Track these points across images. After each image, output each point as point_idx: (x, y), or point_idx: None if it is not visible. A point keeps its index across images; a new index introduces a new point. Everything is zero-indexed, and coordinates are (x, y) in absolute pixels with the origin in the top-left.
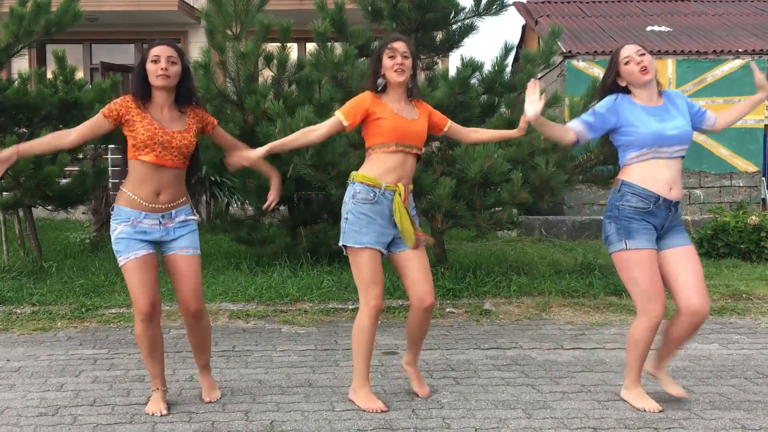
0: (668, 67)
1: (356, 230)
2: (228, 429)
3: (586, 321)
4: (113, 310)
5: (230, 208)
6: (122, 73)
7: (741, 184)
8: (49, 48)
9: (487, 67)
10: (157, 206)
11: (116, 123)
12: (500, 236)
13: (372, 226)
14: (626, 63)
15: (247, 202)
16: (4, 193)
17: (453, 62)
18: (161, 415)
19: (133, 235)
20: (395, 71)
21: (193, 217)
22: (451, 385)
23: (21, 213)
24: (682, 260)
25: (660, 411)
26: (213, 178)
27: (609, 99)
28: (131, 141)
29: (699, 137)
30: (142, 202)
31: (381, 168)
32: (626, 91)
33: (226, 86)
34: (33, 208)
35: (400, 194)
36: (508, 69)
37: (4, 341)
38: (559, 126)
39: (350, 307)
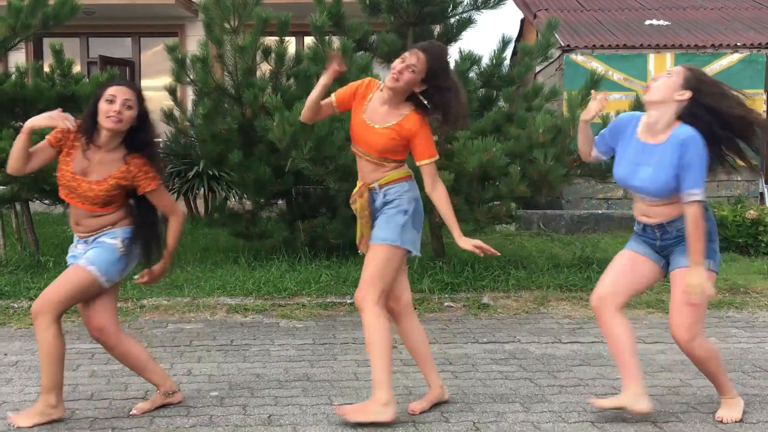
0: (667, 61)
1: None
2: (226, 423)
3: (584, 315)
4: None
5: (228, 202)
6: (120, 67)
7: (739, 179)
8: (47, 41)
9: (485, 61)
10: (79, 233)
11: (56, 145)
12: (498, 230)
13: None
14: (654, 80)
15: (245, 196)
16: (1, 187)
17: (451, 56)
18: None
19: (70, 254)
20: (391, 76)
21: (109, 241)
22: (449, 379)
23: (18, 207)
24: (674, 283)
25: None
26: (210, 172)
27: (616, 121)
28: (58, 181)
29: None
30: (77, 233)
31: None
32: None
33: (224, 80)
34: (30, 202)
35: (361, 195)
36: (506, 62)
37: (1, 335)
38: (590, 136)
39: (348, 301)
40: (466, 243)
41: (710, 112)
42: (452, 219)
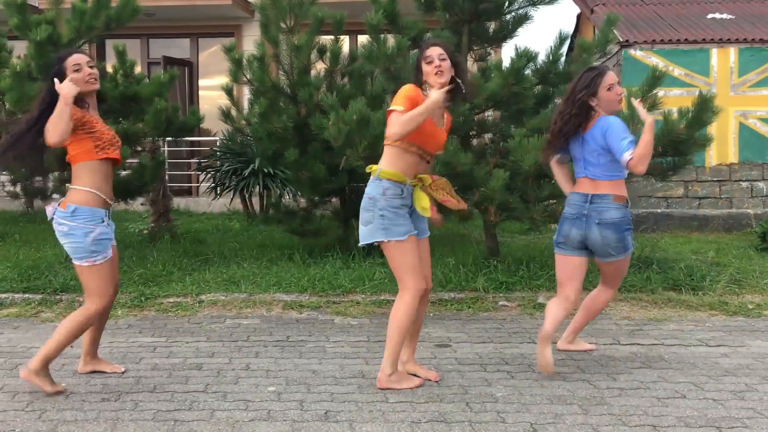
0: (730, 55)
1: (394, 223)
2: (284, 418)
3: (643, 316)
4: (171, 299)
5: (283, 199)
6: (179, 67)
7: None
8: (109, 43)
9: (542, 57)
10: (110, 201)
11: (74, 123)
12: (554, 229)
13: (404, 219)
14: (608, 89)
15: (299, 193)
16: (66, 184)
17: (506, 53)
18: (45, 391)
19: (109, 234)
20: (435, 74)
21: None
22: (505, 379)
23: None
24: None
25: None
26: (266, 170)
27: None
28: (93, 143)
29: (762, 128)
30: (107, 199)
31: (402, 165)
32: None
33: (280, 79)
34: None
35: (423, 185)
36: (563, 59)
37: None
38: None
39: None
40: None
41: None
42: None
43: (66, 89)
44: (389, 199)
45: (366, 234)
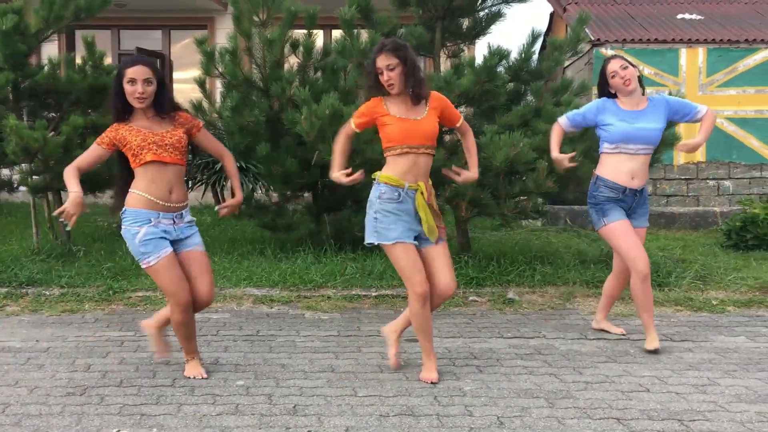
0: (699, 55)
1: (385, 227)
2: (252, 412)
3: (610, 311)
4: (140, 293)
5: (255, 194)
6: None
7: None
8: (79, 34)
9: (514, 55)
10: (171, 205)
11: (112, 148)
12: (525, 225)
13: (399, 222)
14: (612, 77)
15: (271, 188)
16: (33, 176)
17: (479, 50)
18: (202, 378)
19: (159, 234)
20: (387, 86)
21: (193, 218)
22: (473, 374)
23: (50, 197)
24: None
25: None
26: (238, 164)
27: (593, 104)
28: (130, 153)
29: (729, 128)
30: (158, 201)
31: (398, 169)
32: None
33: (252, 73)
34: (62, 192)
35: (422, 193)
36: (535, 57)
37: (33, 322)
38: (556, 138)
39: (373, 294)
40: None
41: None
42: (472, 159)
43: (69, 205)
44: (384, 202)
45: (366, 234)
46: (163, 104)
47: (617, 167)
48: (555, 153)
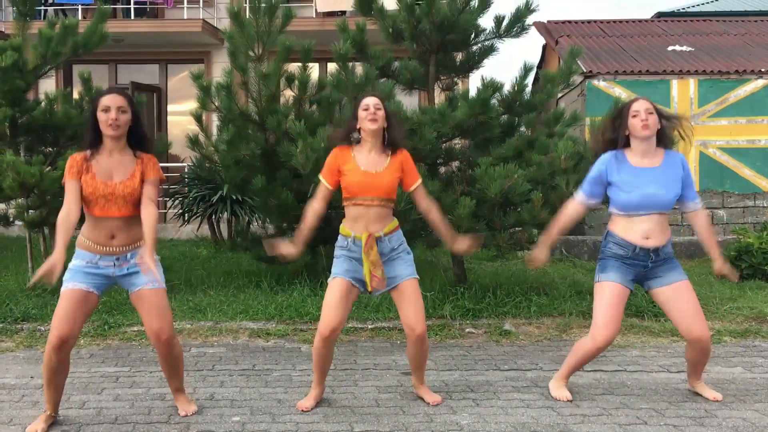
0: (690, 87)
1: (334, 265)
2: None
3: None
4: (135, 328)
5: (251, 226)
6: (148, 93)
7: (765, 205)
8: (76, 69)
9: (507, 87)
10: (111, 249)
11: (80, 177)
12: (520, 256)
13: (344, 263)
14: (634, 116)
15: (267, 220)
16: (29, 211)
17: (473, 82)
18: None
19: (83, 268)
20: (368, 120)
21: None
22: (470, 407)
23: (46, 231)
24: (678, 295)
25: (569, 400)
26: (234, 197)
27: (599, 164)
28: (83, 197)
29: (722, 157)
30: (96, 246)
31: (349, 219)
32: (627, 143)
33: (248, 106)
34: None
35: (363, 242)
36: (528, 89)
37: (28, 358)
38: (566, 219)
39: (369, 326)
40: (462, 244)
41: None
42: (448, 226)
43: (46, 269)
44: (336, 246)
45: None
46: (135, 138)
47: (629, 227)
48: (539, 247)
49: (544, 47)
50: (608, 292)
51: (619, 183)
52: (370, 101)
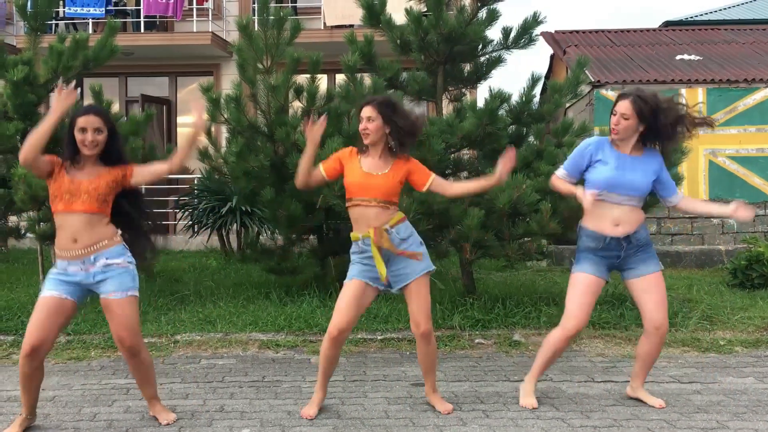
0: (698, 96)
1: (350, 269)
2: None
3: (617, 353)
4: (145, 340)
5: (260, 237)
6: (157, 105)
7: None
8: (87, 82)
9: (515, 98)
10: (75, 252)
11: (49, 170)
12: (529, 266)
13: (359, 266)
14: (613, 114)
15: (276, 232)
16: (41, 224)
17: (481, 93)
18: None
19: (57, 276)
20: (362, 134)
21: (116, 261)
22: (480, 418)
23: None
24: (649, 287)
25: (534, 408)
26: (243, 209)
27: (582, 146)
28: (50, 196)
29: (731, 166)
30: (62, 251)
31: (353, 222)
32: None
33: (257, 118)
34: None
35: (372, 237)
36: (536, 99)
37: None
38: (563, 184)
39: (379, 337)
40: (500, 168)
41: (661, 127)
42: (475, 184)
43: (57, 110)
44: (351, 252)
45: None
46: (110, 154)
47: (600, 214)
48: (578, 190)
49: (552, 57)
50: (580, 282)
51: (603, 159)
52: (364, 113)
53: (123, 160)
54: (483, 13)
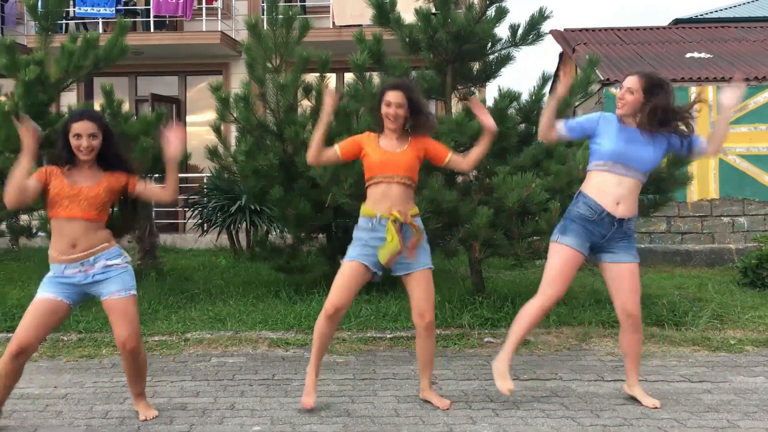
0: (709, 93)
1: (351, 249)
2: None
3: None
4: (156, 338)
5: (269, 236)
6: (167, 104)
7: None
8: (97, 81)
9: (525, 97)
10: (74, 257)
11: (41, 187)
12: (538, 265)
13: (362, 248)
14: (620, 89)
15: (286, 230)
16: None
17: (490, 92)
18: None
19: (52, 278)
20: (388, 119)
21: (116, 262)
22: (489, 417)
23: None
24: (624, 276)
25: (509, 391)
26: (253, 207)
27: (594, 114)
28: (48, 200)
29: (742, 164)
30: (59, 255)
31: (372, 199)
32: None
33: (266, 117)
34: None
35: (395, 221)
36: (546, 98)
37: (51, 368)
38: (553, 119)
39: (388, 336)
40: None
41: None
42: (483, 146)
43: (27, 152)
44: (359, 231)
45: None
46: (106, 157)
47: (603, 188)
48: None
49: (561, 55)
50: (564, 252)
51: (611, 131)
52: (393, 98)
53: (122, 164)
54: (492, 11)
